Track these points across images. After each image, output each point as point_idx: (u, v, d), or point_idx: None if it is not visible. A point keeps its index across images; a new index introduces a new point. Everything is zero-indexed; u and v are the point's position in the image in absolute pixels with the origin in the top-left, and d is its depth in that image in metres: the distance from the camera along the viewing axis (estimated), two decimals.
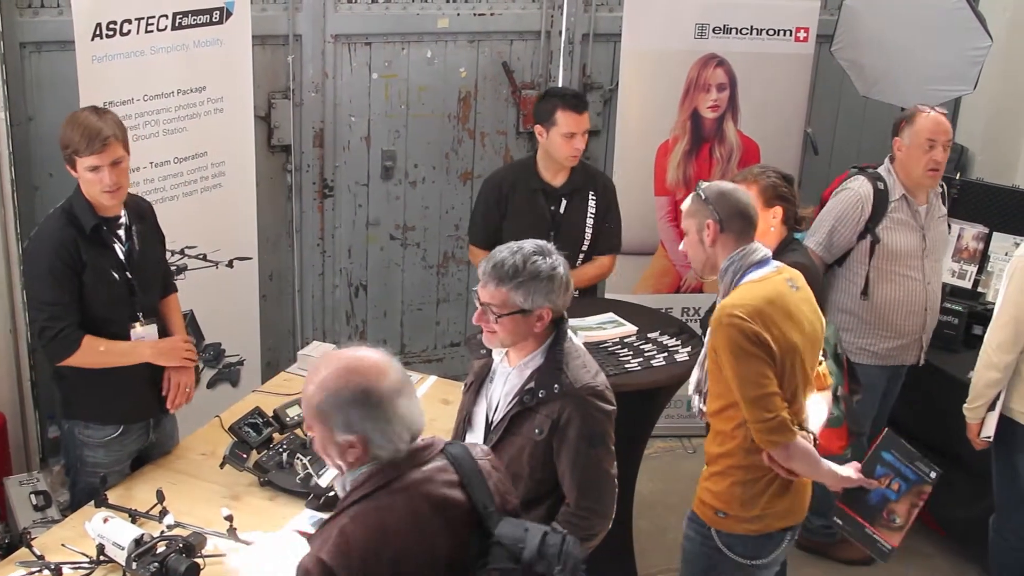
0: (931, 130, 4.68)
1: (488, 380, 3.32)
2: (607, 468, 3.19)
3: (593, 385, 3.16)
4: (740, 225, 3.37)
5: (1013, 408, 4.34)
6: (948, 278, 5.53)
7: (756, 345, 3.20)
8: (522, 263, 3.06)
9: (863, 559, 5.26)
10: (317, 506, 3.60)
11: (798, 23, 5.71)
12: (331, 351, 2.55)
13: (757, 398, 3.22)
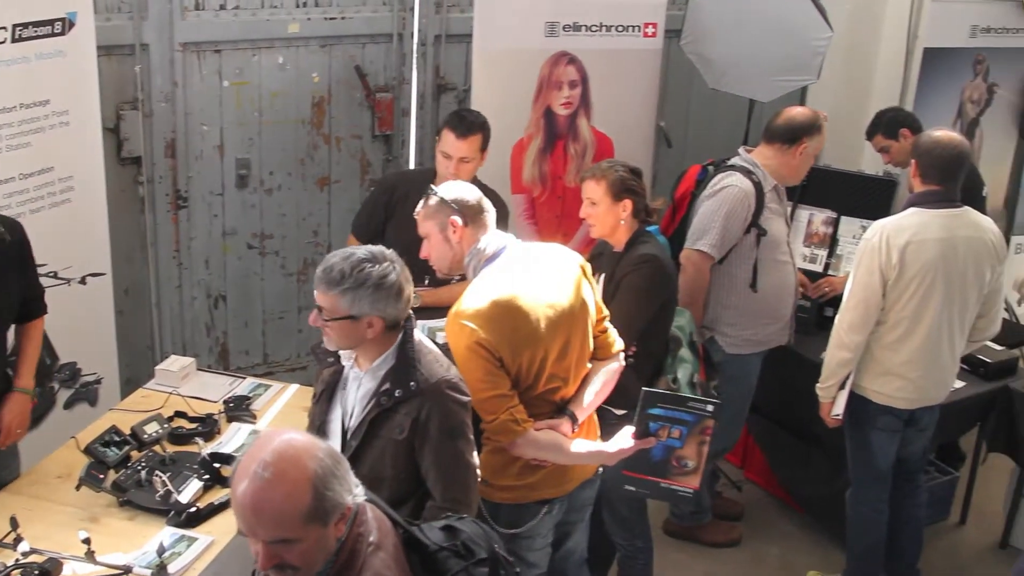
0: (825, 136, 4.86)
1: (340, 387, 3.30)
2: (469, 459, 3.21)
3: (448, 378, 3.18)
4: (479, 218, 3.49)
5: (863, 386, 4.49)
6: (800, 263, 5.68)
7: (479, 349, 3.28)
8: (350, 269, 3.03)
9: (730, 541, 5.40)
10: (178, 523, 3.54)
11: (646, 19, 5.80)
12: (263, 435, 2.34)
13: (480, 400, 3.31)
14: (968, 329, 4.47)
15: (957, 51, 6.75)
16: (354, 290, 3.04)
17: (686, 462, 3.58)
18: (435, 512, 3.15)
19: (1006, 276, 7.09)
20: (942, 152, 4.30)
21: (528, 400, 3.43)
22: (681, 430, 3.52)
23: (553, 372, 3.49)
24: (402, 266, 3.13)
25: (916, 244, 4.24)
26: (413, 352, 3.18)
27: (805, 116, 4.80)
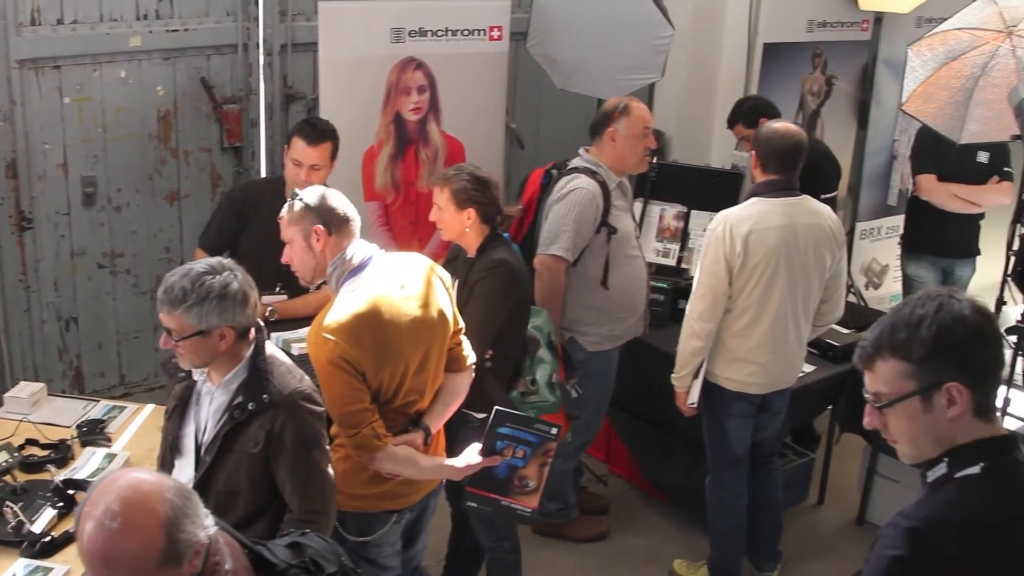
0: (645, 119, 4.91)
1: (193, 402, 3.27)
2: (325, 469, 3.21)
3: (302, 389, 3.17)
4: (344, 227, 3.48)
5: (717, 374, 4.59)
6: (653, 257, 5.81)
7: (342, 363, 3.29)
8: (191, 285, 3.00)
9: (597, 535, 5.46)
10: (32, 553, 3.44)
11: (491, 22, 5.85)
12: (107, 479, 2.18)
13: (342, 415, 3.34)
14: (813, 314, 4.62)
15: (796, 45, 6.95)
16: (199, 304, 3.01)
17: (527, 482, 3.64)
18: (294, 525, 3.14)
19: (854, 262, 7.36)
20: (780, 143, 4.43)
21: (385, 413, 3.44)
22: (525, 450, 3.60)
23: (412, 386, 3.51)
24: (243, 273, 3.10)
25: (758, 232, 4.36)
26: (265, 364, 3.17)
27: (610, 104, 4.92)
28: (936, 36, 5.08)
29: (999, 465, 2.21)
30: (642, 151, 4.91)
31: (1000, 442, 2.23)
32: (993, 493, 2.19)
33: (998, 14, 5.01)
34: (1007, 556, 2.16)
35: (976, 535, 2.15)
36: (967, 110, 5.28)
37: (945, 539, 2.14)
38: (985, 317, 2.20)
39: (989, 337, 2.21)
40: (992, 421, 2.23)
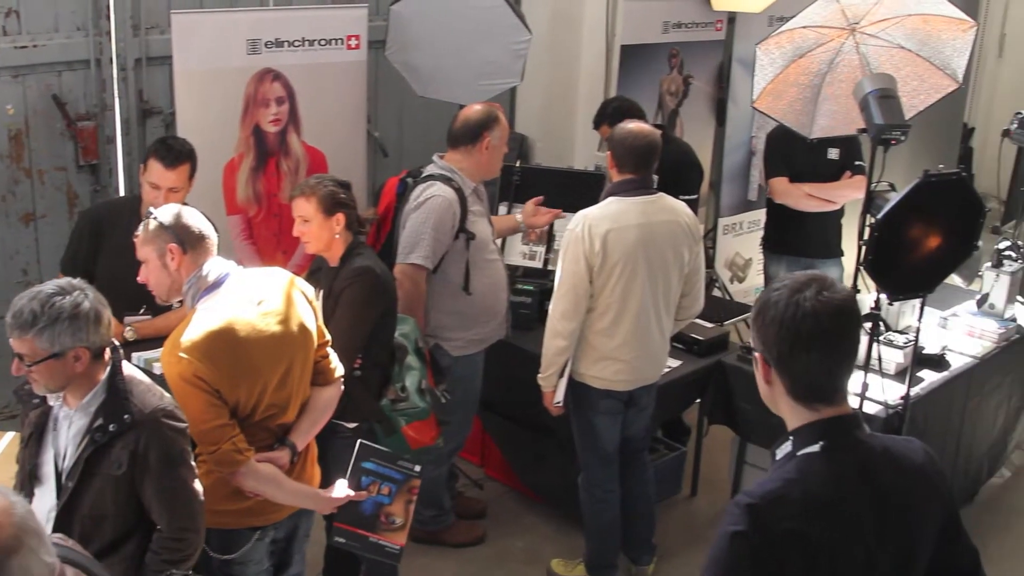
0: (508, 127, 4.97)
1: (50, 428, 3.19)
2: (192, 486, 3.17)
3: (163, 407, 3.13)
4: (200, 245, 3.44)
5: (583, 372, 4.65)
6: (520, 260, 5.85)
7: (197, 381, 3.27)
8: (40, 308, 2.94)
9: (474, 539, 5.48)
10: None
11: (349, 31, 5.82)
12: None
13: (201, 432, 3.32)
14: (674, 309, 4.71)
15: (652, 47, 7.07)
16: (50, 327, 2.94)
17: (394, 519, 3.66)
18: (164, 543, 3.11)
19: (718, 256, 7.51)
20: (634, 143, 4.51)
21: (245, 428, 3.41)
22: (391, 487, 3.62)
23: (272, 401, 3.48)
24: (94, 292, 3.05)
25: (616, 231, 4.43)
26: (124, 384, 3.11)
27: (480, 112, 4.90)
28: (783, 35, 5.21)
29: (839, 443, 2.30)
30: (502, 157, 5.00)
31: (841, 421, 2.33)
32: (830, 470, 2.28)
33: (840, 12, 5.16)
34: (843, 530, 2.26)
35: (813, 510, 2.23)
36: (816, 105, 5.43)
37: (783, 514, 2.22)
38: (823, 312, 2.25)
39: (813, 334, 2.26)
40: (833, 403, 2.32)
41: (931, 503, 2.39)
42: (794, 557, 2.21)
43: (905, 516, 2.33)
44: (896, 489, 2.33)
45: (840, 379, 2.33)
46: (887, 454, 2.36)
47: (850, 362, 2.33)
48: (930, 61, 5.21)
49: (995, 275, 5.92)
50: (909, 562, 2.36)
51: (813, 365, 2.28)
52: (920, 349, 5.32)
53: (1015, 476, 6.44)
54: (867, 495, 2.29)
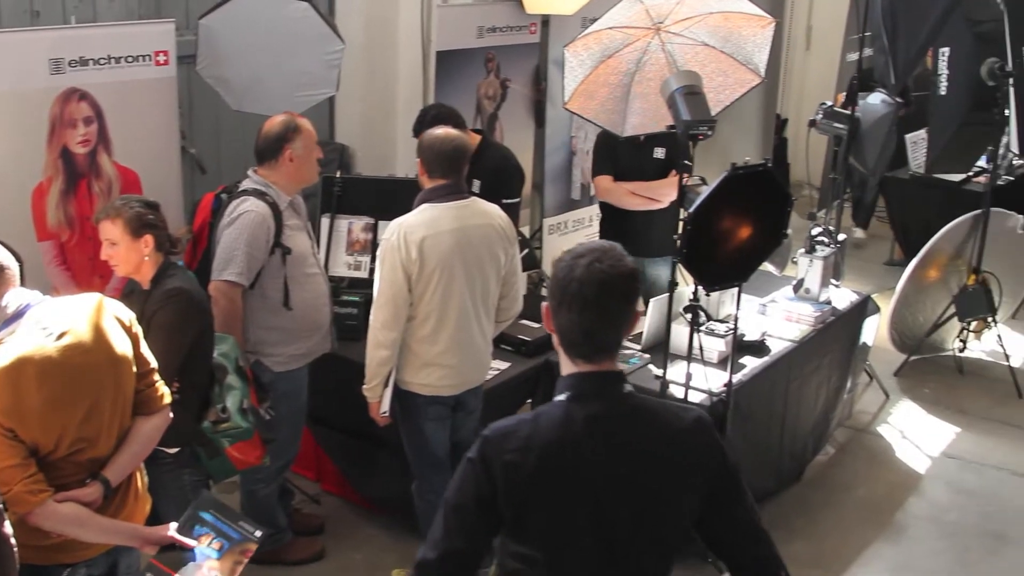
0: (313, 132, 4.89)
1: None
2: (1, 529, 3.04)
3: None
4: (1, 276, 3.28)
5: (408, 380, 4.64)
6: (345, 271, 5.81)
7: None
8: None
9: (314, 555, 5.42)
10: None
11: (156, 47, 5.67)
12: None
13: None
14: (494, 312, 4.74)
15: (468, 52, 7.11)
16: None
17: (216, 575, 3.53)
18: None
19: (545, 256, 7.59)
20: (442, 148, 4.53)
21: (50, 464, 3.25)
22: (223, 543, 3.47)
23: (79, 436, 3.29)
24: None
25: (432, 238, 4.44)
26: None
27: (279, 125, 4.82)
28: (590, 36, 5.30)
29: (585, 395, 2.55)
30: (315, 163, 4.92)
31: (595, 376, 2.57)
32: (566, 416, 2.53)
33: (645, 12, 5.27)
34: (563, 470, 2.51)
35: (533, 447, 2.49)
36: (627, 104, 5.54)
37: (506, 447, 2.50)
38: (588, 280, 2.48)
39: (575, 296, 2.50)
40: (593, 361, 2.55)
41: (689, 466, 2.57)
42: (509, 486, 2.48)
43: (650, 470, 2.54)
44: (640, 445, 2.54)
45: (599, 341, 2.55)
46: (640, 412, 2.60)
47: (610, 328, 2.54)
48: (733, 57, 5.37)
49: (809, 261, 6.12)
50: (647, 513, 2.55)
51: (573, 324, 2.52)
52: (740, 336, 5.48)
53: (839, 453, 6.68)
54: (600, 444, 2.51)
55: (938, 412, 7.27)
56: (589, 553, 2.55)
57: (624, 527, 2.54)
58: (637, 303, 2.59)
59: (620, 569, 2.59)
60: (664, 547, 2.63)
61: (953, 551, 5.73)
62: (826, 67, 11.17)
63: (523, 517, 2.52)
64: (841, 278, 6.54)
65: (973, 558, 5.68)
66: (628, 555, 2.57)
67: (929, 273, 7.69)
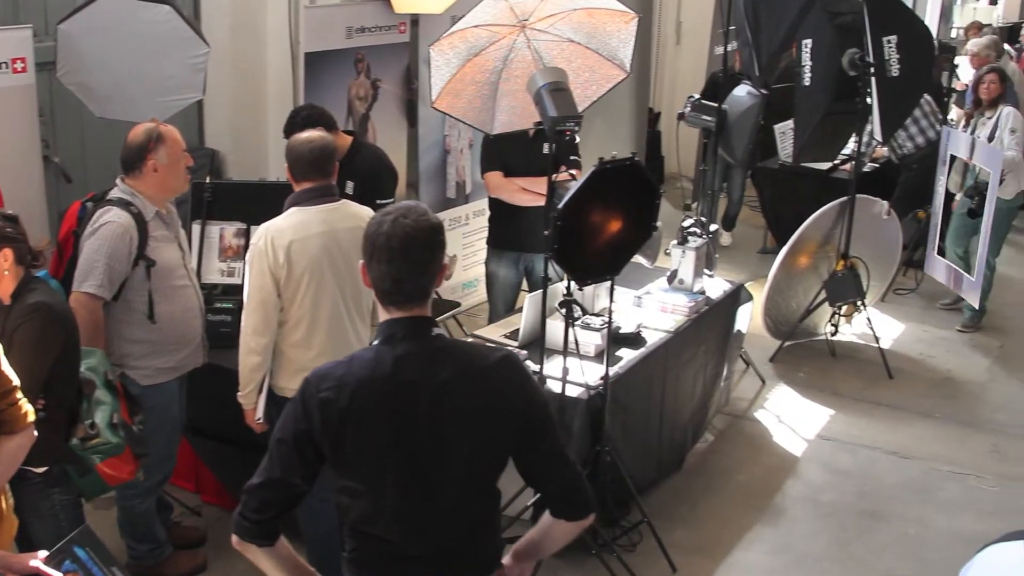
0: (180, 140, 4.75)
1: None
2: None
3: None
4: None
5: (283, 386, 4.59)
6: (218, 277, 5.72)
7: None
8: None
9: (195, 568, 5.33)
10: None
11: (13, 54, 5.54)
12: None
13: None
14: (369, 315, 4.70)
15: (337, 52, 7.05)
16: None
17: None
18: None
19: None
20: (310, 150, 4.48)
21: None
22: None
23: None
24: None
25: (300, 242, 4.39)
26: None
27: (141, 135, 4.69)
28: (455, 35, 5.30)
29: (396, 338, 2.81)
30: (183, 172, 4.81)
31: (406, 321, 2.82)
32: (377, 357, 2.80)
33: (509, 9, 5.29)
34: (373, 405, 2.76)
35: (345, 386, 2.77)
36: (495, 102, 5.56)
37: (322, 386, 2.79)
38: (395, 234, 2.73)
39: (383, 248, 2.75)
40: (404, 308, 2.81)
41: (493, 402, 2.82)
42: (324, 421, 2.76)
43: (451, 405, 2.78)
44: (445, 381, 2.78)
45: (407, 289, 2.79)
46: (447, 351, 2.85)
47: (417, 276, 2.79)
48: (599, 53, 5.42)
49: (681, 252, 6.21)
50: (460, 446, 2.80)
51: (383, 274, 2.77)
52: (616, 329, 5.54)
53: (718, 440, 6.78)
54: (407, 380, 2.76)
55: (813, 395, 7.45)
56: (403, 483, 2.80)
57: (432, 459, 2.80)
58: (443, 255, 2.85)
59: (436, 500, 2.83)
60: (480, 480, 2.89)
61: (830, 531, 5.86)
62: (696, 61, 11.38)
63: (340, 451, 2.78)
64: (714, 268, 6.65)
65: (849, 536, 5.81)
66: (442, 485, 2.82)
67: (800, 260, 7.86)
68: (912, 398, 7.47)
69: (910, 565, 5.57)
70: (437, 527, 2.86)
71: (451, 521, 2.88)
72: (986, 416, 7.29)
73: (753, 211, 10.65)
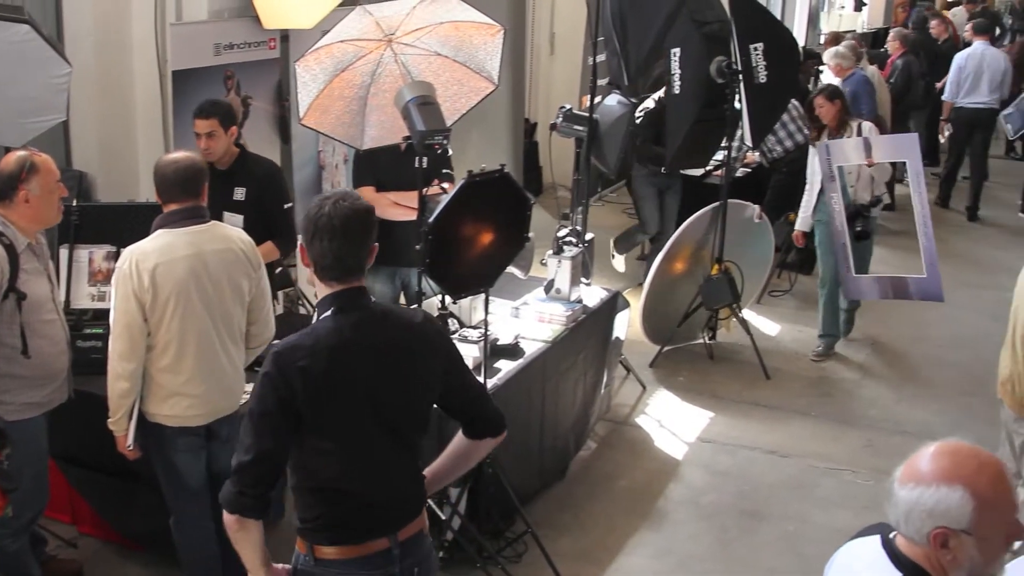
0: (54, 170, 4.63)
1: None
2: None
3: None
4: None
5: (153, 412, 4.51)
6: (88, 303, 5.59)
7: None
8: None
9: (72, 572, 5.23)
10: None
11: None
12: None
13: None
14: (241, 338, 4.63)
15: (206, 70, 6.94)
16: None
17: None
18: None
19: (301, 273, 7.49)
20: (176, 171, 4.41)
21: None
22: None
23: None
24: None
25: (165, 265, 4.31)
26: None
27: (12, 164, 4.55)
28: (321, 50, 5.27)
29: (345, 307, 3.21)
30: (57, 203, 4.67)
31: (348, 292, 3.22)
32: (336, 324, 3.18)
33: (375, 24, 5.27)
34: (342, 367, 3.15)
35: (317, 352, 3.12)
36: (364, 117, 5.53)
37: (297, 355, 3.10)
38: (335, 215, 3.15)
39: (325, 227, 3.15)
40: (344, 282, 3.22)
41: (428, 351, 3.33)
42: (306, 386, 3.08)
43: (403, 358, 3.26)
44: (392, 339, 3.26)
45: (348, 264, 3.19)
46: (386, 315, 3.35)
47: (356, 252, 3.20)
48: (467, 65, 5.43)
49: (557, 261, 6.25)
50: (412, 388, 3.30)
51: (325, 250, 3.16)
52: (494, 341, 5.55)
53: (600, 446, 6.85)
54: (366, 343, 3.19)
55: (692, 399, 7.56)
56: (372, 435, 3.23)
57: (395, 408, 3.26)
58: (374, 236, 3.27)
59: (396, 445, 3.30)
60: (422, 420, 3.40)
61: (712, 532, 5.96)
62: (570, 71, 11.48)
63: (320, 413, 3.12)
64: (591, 276, 6.71)
65: (730, 537, 5.91)
66: (401, 430, 3.30)
67: (676, 266, 7.98)
68: (789, 398, 7.64)
69: (790, 561, 5.68)
70: (397, 472, 3.32)
71: (406, 464, 3.37)
72: (860, 413, 7.49)
73: (631, 218, 10.77)
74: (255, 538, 3.24)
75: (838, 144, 7.81)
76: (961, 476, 2.41)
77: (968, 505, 2.39)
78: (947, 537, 2.41)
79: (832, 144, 7.79)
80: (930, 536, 2.43)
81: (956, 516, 2.40)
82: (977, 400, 6.76)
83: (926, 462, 2.47)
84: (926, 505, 2.42)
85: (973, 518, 2.39)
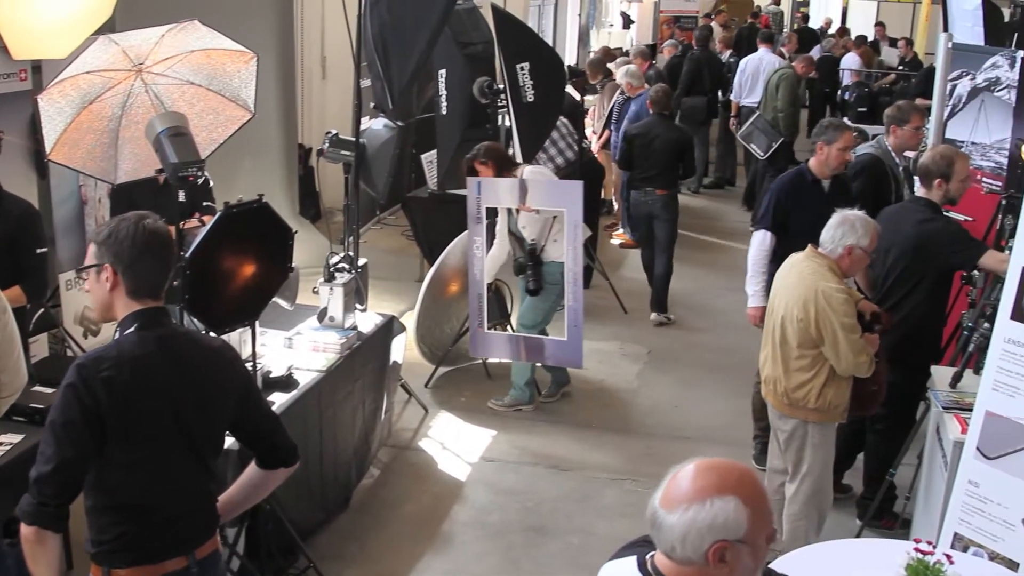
0: None
1: None
2: None
3: None
4: None
5: None
6: None
7: None
8: None
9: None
10: None
11: None
12: None
13: None
14: None
15: None
16: None
17: None
18: None
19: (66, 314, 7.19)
20: None
21: None
22: None
23: None
24: None
25: None
26: None
27: None
28: (66, 82, 5.05)
29: (149, 324, 3.30)
30: None
31: (155, 311, 3.32)
32: (140, 339, 3.26)
33: (122, 53, 5.10)
34: (144, 378, 3.22)
35: (121, 363, 3.19)
36: (116, 150, 5.34)
37: (101, 366, 3.16)
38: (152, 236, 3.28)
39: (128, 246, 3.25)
40: (146, 301, 3.30)
41: (225, 374, 3.46)
42: (111, 397, 3.13)
43: (201, 376, 3.36)
44: (192, 358, 3.37)
45: (151, 281, 3.30)
46: (187, 335, 3.59)
47: (160, 273, 3.33)
48: (221, 94, 5.31)
49: (329, 289, 6.16)
50: (211, 408, 3.40)
51: (152, 269, 3.29)
52: (267, 374, 5.43)
53: (384, 473, 6.78)
54: (168, 358, 3.28)
55: (474, 418, 7.58)
56: (174, 447, 3.31)
57: (195, 423, 3.34)
58: (175, 257, 3.52)
59: (195, 462, 3.39)
60: (218, 442, 3.51)
61: (498, 551, 5.97)
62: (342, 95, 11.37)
63: (123, 423, 3.17)
64: (365, 302, 6.64)
65: (517, 554, 5.94)
66: (198, 447, 3.39)
67: (450, 287, 8.00)
68: (570, 411, 7.75)
69: (575, 573, 5.74)
70: (195, 488, 3.42)
71: (203, 483, 3.45)
72: (639, 421, 7.65)
73: (408, 240, 10.76)
74: (52, 555, 3.18)
75: (491, 183, 7.15)
76: (729, 487, 2.43)
77: (743, 514, 2.41)
78: (725, 550, 2.41)
79: (484, 182, 7.14)
80: (708, 553, 2.41)
81: (734, 527, 2.41)
82: (748, 402, 6.98)
83: (689, 482, 2.46)
84: (704, 523, 2.41)
85: (747, 527, 2.42)
